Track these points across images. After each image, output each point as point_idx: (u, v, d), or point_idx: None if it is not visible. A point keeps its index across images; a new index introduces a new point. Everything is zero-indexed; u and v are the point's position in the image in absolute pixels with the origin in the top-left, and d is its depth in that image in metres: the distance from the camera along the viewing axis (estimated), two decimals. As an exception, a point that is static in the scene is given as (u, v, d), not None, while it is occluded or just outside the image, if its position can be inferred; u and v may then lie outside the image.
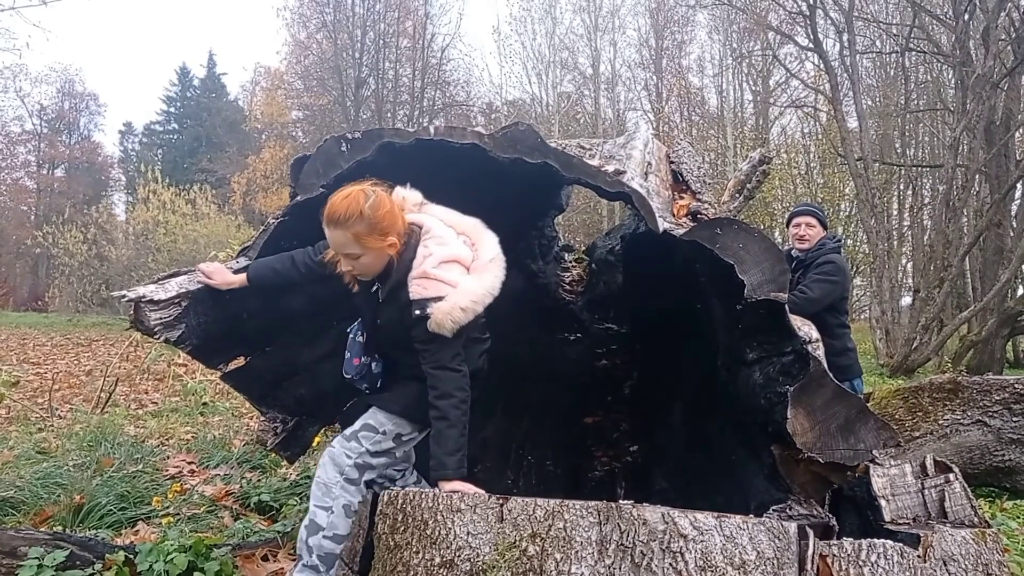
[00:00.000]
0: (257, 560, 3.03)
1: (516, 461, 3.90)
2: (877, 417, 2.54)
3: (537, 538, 2.22)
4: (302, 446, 3.18)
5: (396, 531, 2.34)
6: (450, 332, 2.52)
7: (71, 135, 44.03)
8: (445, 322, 2.50)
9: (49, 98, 42.58)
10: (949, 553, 2.62)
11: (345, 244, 2.52)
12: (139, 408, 8.99)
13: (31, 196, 41.04)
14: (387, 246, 2.55)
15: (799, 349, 2.58)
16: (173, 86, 45.85)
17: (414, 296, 2.52)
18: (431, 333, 2.52)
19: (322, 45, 32.78)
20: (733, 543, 2.20)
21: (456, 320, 2.51)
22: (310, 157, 2.80)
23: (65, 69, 43.37)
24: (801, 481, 2.73)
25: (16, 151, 41.60)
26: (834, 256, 4.76)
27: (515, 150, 2.72)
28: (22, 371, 11.42)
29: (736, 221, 2.63)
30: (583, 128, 31.54)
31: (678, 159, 4.17)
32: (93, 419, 7.15)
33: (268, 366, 3.08)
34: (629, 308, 4.76)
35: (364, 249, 2.53)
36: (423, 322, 2.51)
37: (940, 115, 21.59)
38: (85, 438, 5.79)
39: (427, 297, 2.51)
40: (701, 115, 33.48)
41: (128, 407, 9.01)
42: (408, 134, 2.76)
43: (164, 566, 2.76)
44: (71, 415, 8.00)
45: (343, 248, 2.54)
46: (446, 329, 2.51)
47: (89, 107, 44.63)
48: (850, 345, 4.63)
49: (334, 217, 2.48)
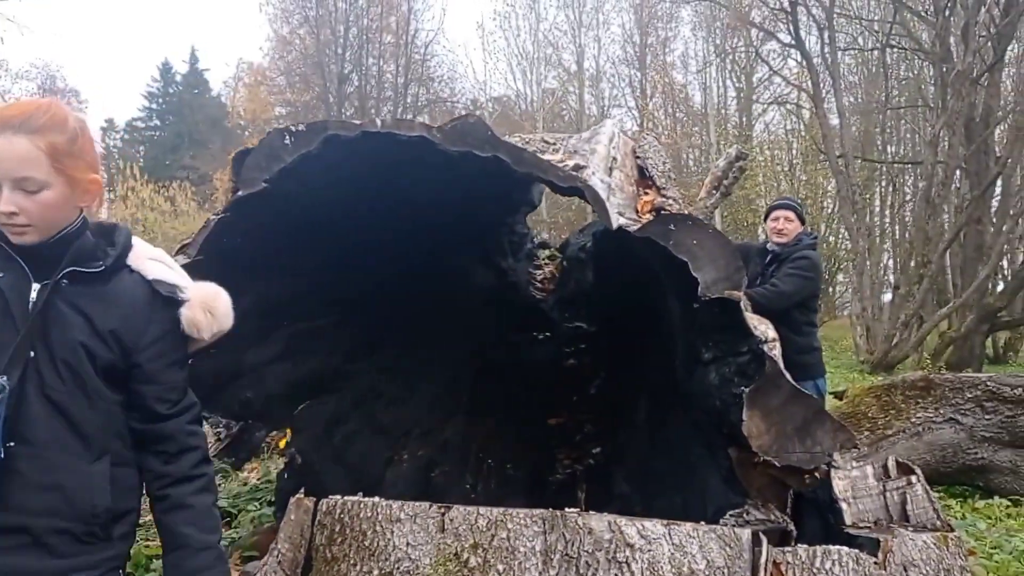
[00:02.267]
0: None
1: (476, 464, 3.82)
2: (834, 419, 2.47)
3: (479, 548, 2.14)
4: (248, 451, 3.08)
5: (333, 542, 2.25)
6: (209, 336, 1.77)
7: (52, 132, 43.56)
8: (200, 320, 1.73)
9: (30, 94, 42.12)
10: (909, 558, 2.56)
11: (26, 161, 1.52)
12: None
13: (11, 193, 40.58)
14: (88, 185, 1.64)
15: (755, 349, 2.50)
16: (155, 82, 45.38)
17: (155, 276, 1.72)
18: (177, 340, 1.74)
19: (305, 41, 32.55)
20: (682, 552, 2.13)
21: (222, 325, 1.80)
22: (252, 150, 2.70)
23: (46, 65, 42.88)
24: (758, 484, 2.65)
25: (-5, 148, 41.10)
26: (809, 252, 4.70)
27: (465, 143, 2.62)
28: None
29: (690, 217, 2.56)
30: (568, 125, 31.44)
31: (644, 154, 4.09)
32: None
33: (212, 369, 2.96)
34: (599, 306, 4.70)
35: (55, 177, 1.55)
36: (172, 318, 1.71)
37: (921, 112, 21.62)
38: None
39: (174, 282, 1.74)
40: (686, 112, 33.47)
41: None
42: (354, 126, 2.66)
43: (101, 577, 2.66)
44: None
45: (18, 169, 1.51)
46: (204, 330, 1.75)
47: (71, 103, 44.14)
48: (815, 344, 4.57)
49: (16, 117, 1.54)
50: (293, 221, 3.00)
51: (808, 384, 4.40)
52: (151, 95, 45.39)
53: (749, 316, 2.53)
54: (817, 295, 4.73)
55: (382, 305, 3.75)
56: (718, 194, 7.90)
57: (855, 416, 6.05)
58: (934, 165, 15.85)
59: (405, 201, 3.43)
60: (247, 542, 3.18)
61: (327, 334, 3.41)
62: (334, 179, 2.92)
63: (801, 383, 4.41)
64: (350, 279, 3.55)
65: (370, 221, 3.46)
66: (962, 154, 15.80)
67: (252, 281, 2.99)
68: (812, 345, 4.54)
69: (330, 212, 3.19)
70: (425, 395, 3.84)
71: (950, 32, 16.19)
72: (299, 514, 2.53)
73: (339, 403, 3.40)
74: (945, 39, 16.15)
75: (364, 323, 3.64)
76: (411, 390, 3.78)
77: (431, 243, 4.18)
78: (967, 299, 15.44)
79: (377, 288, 3.70)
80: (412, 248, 3.89)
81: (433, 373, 3.96)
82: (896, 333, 15.65)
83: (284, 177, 2.65)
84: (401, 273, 3.83)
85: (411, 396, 3.76)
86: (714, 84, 32.10)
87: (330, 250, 3.38)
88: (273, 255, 3.04)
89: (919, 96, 21.45)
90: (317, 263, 3.33)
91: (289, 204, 2.87)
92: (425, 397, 3.84)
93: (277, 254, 3.05)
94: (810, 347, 4.51)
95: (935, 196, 16.11)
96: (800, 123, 27.43)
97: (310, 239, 3.21)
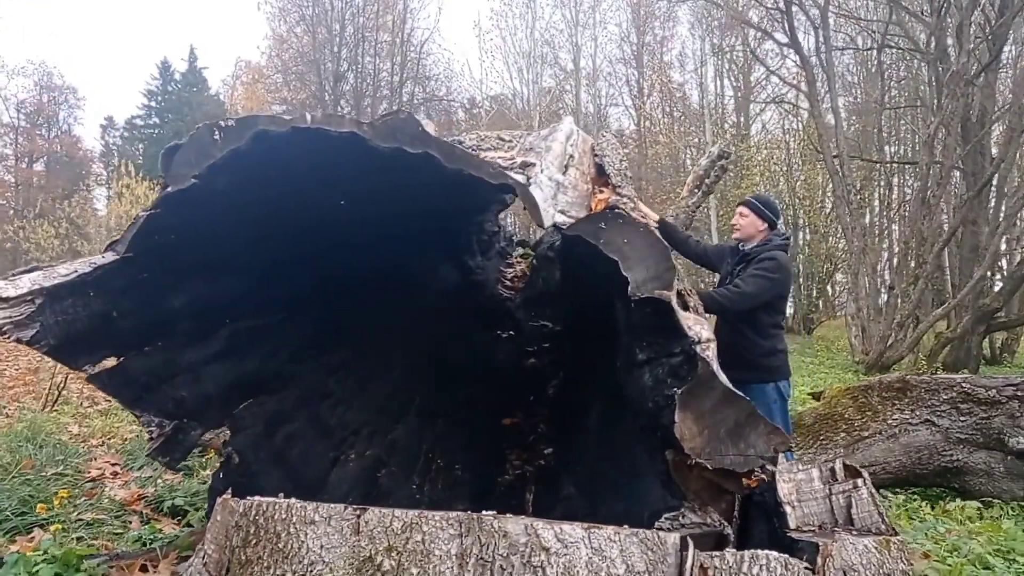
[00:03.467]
0: (135, 570, 2.88)
1: (425, 465, 3.76)
2: (767, 421, 2.41)
3: (393, 551, 2.09)
4: (183, 451, 3.02)
5: (248, 544, 2.20)
6: None
7: (50, 129, 43.54)
8: None
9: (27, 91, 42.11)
10: (849, 562, 2.52)
11: None
12: (91, 406, 8.81)
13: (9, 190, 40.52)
14: None
15: (688, 350, 2.45)
16: (154, 80, 45.35)
17: None
18: None
19: (302, 39, 32.50)
20: (601, 556, 2.08)
21: None
22: (181, 146, 2.64)
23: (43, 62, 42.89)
24: (695, 488, 2.60)
25: (-8, 144, 41.13)
26: (777, 253, 4.59)
27: (395, 139, 2.57)
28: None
29: (621, 215, 2.50)
30: (566, 124, 31.25)
31: (602, 152, 4.05)
32: (38, 418, 6.97)
33: (145, 367, 2.91)
34: (565, 306, 4.65)
35: None
36: None
37: (919, 112, 21.50)
38: (14, 438, 5.61)
39: None
40: (683, 111, 33.34)
41: (80, 405, 8.84)
42: (284, 122, 2.61)
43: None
44: (17, 413, 7.81)
45: None
46: None
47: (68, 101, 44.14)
48: (780, 346, 4.46)
49: None
50: (232, 219, 2.94)
51: (770, 387, 4.34)
52: (150, 93, 45.41)
53: (684, 316, 2.47)
54: (784, 296, 4.63)
55: (334, 304, 3.70)
56: (700, 192, 7.86)
57: (831, 417, 6.00)
58: (930, 165, 15.76)
59: (367, 199, 3.37)
60: (185, 542, 3.13)
61: (271, 333, 3.36)
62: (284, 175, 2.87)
63: (765, 385, 4.39)
64: (299, 278, 3.50)
65: (327, 220, 3.41)
66: (958, 154, 15.71)
67: (188, 279, 2.95)
68: (777, 348, 4.45)
69: (279, 210, 3.14)
70: (376, 395, 3.79)
71: (946, 32, 16.10)
72: (225, 515, 2.47)
73: (281, 403, 3.35)
74: (941, 39, 16.06)
75: (313, 322, 3.59)
76: (362, 390, 3.72)
77: (395, 242, 4.12)
78: (961, 300, 15.35)
79: (330, 287, 3.65)
80: (372, 246, 3.83)
81: (387, 373, 3.91)
82: (891, 334, 15.56)
83: (214, 173, 2.60)
84: (359, 271, 3.77)
85: (361, 396, 3.70)
86: (711, 83, 32.02)
87: (279, 249, 3.33)
88: (212, 253, 2.98)
89: (917, 97, 21.33)
90: (264, 262, 3.28)
91: (228, 202, 2.81)
92: (376, 397, 3.78)
93: (216, 252, 3.00)
94: (775, 350, 4.42)
95: (930, 196, 16.02)
96: (799, 122, 27.30)
97: (255, 237, 3.16)
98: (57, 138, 43.59)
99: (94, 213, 30.43)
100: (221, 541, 2.53)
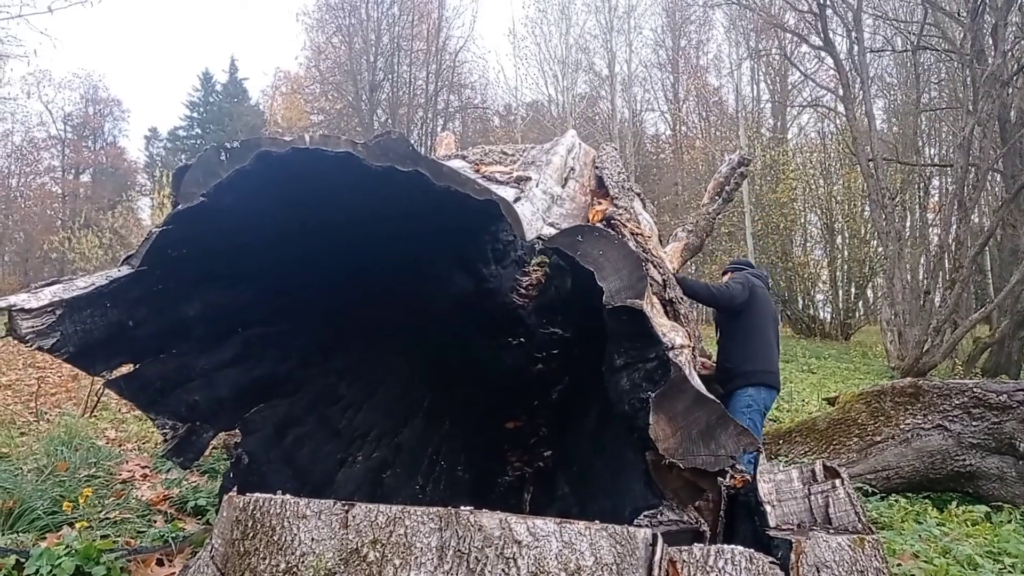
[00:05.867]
0: (151, 564, 3.08)
1: (429, 466, 3.91)
2: (737, 423, 2.52)
3: (378, 544, 2.25)
4: (196, 452, 3.22)
5: (246, 537, 2.37)
6: None
7: (96, 140, 44.74)
8: None
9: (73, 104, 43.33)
10: (822, 559, 2.61)
11: None
12: (128, 412, 9.11)
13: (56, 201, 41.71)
14: None
15: (662, 355, 2.57)
16: (196, 91, 46.40)
17: None
18: None
19: (339, 49, 33.00)
20: (570, 549, 2.21)
21: None
22: (190, 167, 2.84)
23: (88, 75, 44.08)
24: (674, 487, 2.73)
25: (40, 156, 42.34)
26: (747, 272, 5.22)
27: (387, 159, 2.74)
28: (25, 375, 11.63)
29: (597, 228, 2.64)
30: (600, 129, 31.40)
31: (602, 164, 4.18)
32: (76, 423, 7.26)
33: (160, 373, 3.11)
34: (575, 312, 4.78)
35: None
36: None
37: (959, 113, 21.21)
38: (51, 442, 5.89)
39: None
40: (719, 115, 33.23)
41: (118, 410, 9.15)
42: (284, 143, 2.79)
43: (51, 570, 2.83)
44: (57, 419, 8.13)
45: None
46: None
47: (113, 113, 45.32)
48: (754, 357, 4.94)
49: None
50: (244, 233, 3.14)
51: (750, 392, 4.63)
52: (192, 104, 46.39)
53: (660, 324, 2.60)
54: (756, 311, 5.12)
55: (345, 311, 3.88)
56: (720, 200, 7.94)
57: (845, 422, 6.04)
58: (966, 168, 15.55)
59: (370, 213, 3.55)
60: (199, 538, 3.33)
61: (283, 339, 3.54)
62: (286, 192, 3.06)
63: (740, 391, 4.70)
64: (310, 287, 3.68)
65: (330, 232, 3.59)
66: (996, 156, 15.50)
67: (201, 289, 3.14)
68: (749, 357, 4.87)
69: (284, 224, 3.33)
70: (385, 398, 3.96)
71: (983, 33, 15.90)
72: (230, 511, 2.66)
73: (292, 406, 3.53)
74: (978, 40, 15.85)
75: (324, 328, 3.77)
76: (371, 393, 3.90)
77: (408, 252, 4.30)
78: (998, 304, 15.13)
79: (341, 295, 3.83)
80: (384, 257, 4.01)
81: (396, 377, 4.08)
82: (928, 339, 15.36)
83: (220, 192, 2.78)
84: (370, 280, 3.95)
85: (370, 399, 3.88)
86: (747, 87, 31.86)
87: (288, 259, 3.51)
88: (223, 265, 3.18)
89: (955, 98, 21.05)
90: (274, 272, 3.46)
91: (236, 216, 3.00)
92: (385, 400, 3.95)
93: (227, 264, 3.19)
94: (748, 358, 4.85)
95: (967, 199, 15.81)
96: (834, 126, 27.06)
97: (265, 249, 3.35)
98: (103, 149, 44.72)
99: (138, 223, 31.23)
100: (227, 535, 2.72)
